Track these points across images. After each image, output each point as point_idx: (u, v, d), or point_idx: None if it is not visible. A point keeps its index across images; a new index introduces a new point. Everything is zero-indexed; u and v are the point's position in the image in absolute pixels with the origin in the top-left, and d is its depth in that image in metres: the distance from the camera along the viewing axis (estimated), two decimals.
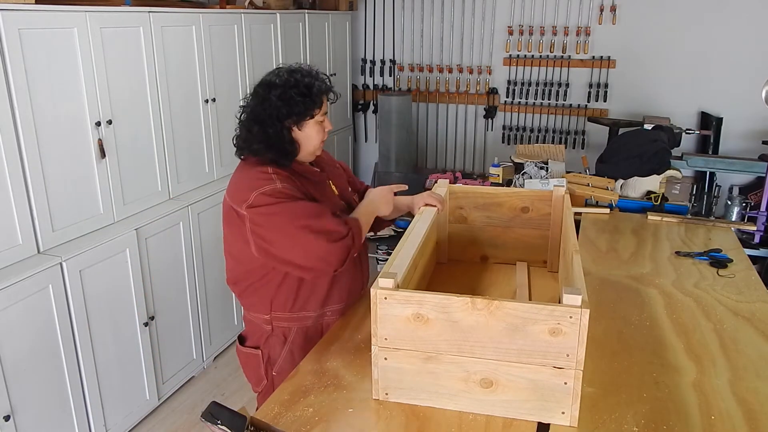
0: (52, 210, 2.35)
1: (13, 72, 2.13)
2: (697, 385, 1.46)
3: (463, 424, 1.33)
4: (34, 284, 2.21)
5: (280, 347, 1.80)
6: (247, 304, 1.82)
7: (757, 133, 4.29)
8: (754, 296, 1.93)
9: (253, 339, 1.85)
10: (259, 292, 1.75)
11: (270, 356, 1.81)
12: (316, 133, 1.71)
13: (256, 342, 1.83)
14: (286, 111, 1.64)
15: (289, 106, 1.64)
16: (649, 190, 2.92)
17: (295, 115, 1.65)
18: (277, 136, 1.65)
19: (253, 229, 1.61)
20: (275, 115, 1.64)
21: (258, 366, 1.83)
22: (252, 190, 1.61)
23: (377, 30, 5.07)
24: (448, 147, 5.17)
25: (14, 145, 2.18)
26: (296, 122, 1.67)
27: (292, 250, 1.60)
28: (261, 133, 1.65)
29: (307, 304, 1.77)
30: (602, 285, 2.01)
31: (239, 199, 1.63)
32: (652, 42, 4.43)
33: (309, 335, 1.81)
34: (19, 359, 2.18)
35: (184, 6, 3.13)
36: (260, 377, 1.84)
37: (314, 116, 1.69)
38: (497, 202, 2.07)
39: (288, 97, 1.64)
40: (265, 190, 1.60)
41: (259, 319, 1.80)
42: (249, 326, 1.87)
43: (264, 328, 1.81)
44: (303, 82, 1.66)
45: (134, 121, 2.71)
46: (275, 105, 1.64)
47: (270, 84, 1.67)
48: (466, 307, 1.28)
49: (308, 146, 1.72)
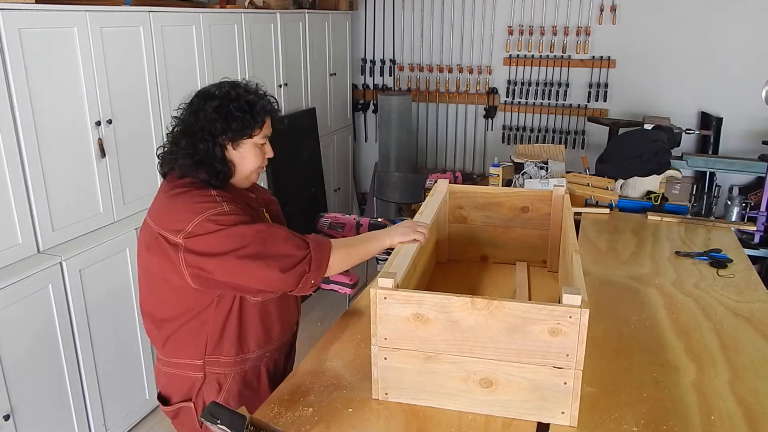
0: (52, 209, 2.35)
1: (13, 72, 2.13)
2: (697, 385, 1.46)
3: (463, 423, 1.33)
4: (34, 284, 2.21)
5: (214, 396, 1.59)
6: (171, 351, 1.57)
7: (757, 133, 4.29)
8: (754, 296, 1.93)
9: (179, 393, 1.61)
10: (191, 334, 1.53)
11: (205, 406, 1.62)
12: (254, 156, 1.53)
13: (186, 395, 1.60)
14: (221, 126, 1.46)
15: (225, 121, 1.46)
16: (649, 190, 2.92)
17: (231, 132, 1.47)
18: (207, 152, 1.46)
19: (188, 260, 1.41)
20: (208, 128, 1.46)
21: (192, 421, 1.61)
22: (193, 215, 1.41)
23: (377, 30, 5.07)
24: (448, 147, 5.17)
25: (14, 144, 2.18)
26: (231, 140, 1.48)
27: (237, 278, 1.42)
28: (190, 147, 1.46)
29: (246, 344, 1.58)
30: (602, 285, 2.01)
31: (172, 227, 1.42)
32: (652, 42, 4.43)
33: (247, 380, 1.62)
34: (19, 359, 2.18)
35: (184, 6, 3.13)
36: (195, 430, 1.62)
37: (252, 137, 1.51)
38: (497, 202, 2.07)
39: (226, 111, 1.46)
40: (209, 215, 1.41)
41: (186, 367, 1.57)
42: (170, 380, 1.61)
43: (193, 378, 1.58)
44: (245, 98, 1.49)
45: (134, 120, 2.71)
46: (210, 117, 1.46)
47: (207, 94, 1.50)
48: (466, 306, 1.28)
49: (243, 169, 1.53)
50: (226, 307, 1.52)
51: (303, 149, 4.18)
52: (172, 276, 1.45)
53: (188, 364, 1.57)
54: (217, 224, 1.41)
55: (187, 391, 1.60)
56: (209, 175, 1.48)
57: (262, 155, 1.57)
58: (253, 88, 1.54)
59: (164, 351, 1.59)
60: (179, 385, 1.60)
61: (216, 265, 1.41)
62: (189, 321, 1.52)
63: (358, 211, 5.41)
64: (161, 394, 1.65)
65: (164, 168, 1.54)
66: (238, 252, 1.40)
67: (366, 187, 5.40)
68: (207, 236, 1.40)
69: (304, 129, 4.24)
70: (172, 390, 1.62)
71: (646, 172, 2.92)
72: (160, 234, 1.44)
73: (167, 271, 1.45)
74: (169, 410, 1.63)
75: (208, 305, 1.50)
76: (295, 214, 4.09)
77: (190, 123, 1.49)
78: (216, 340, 1.54)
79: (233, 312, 1.53)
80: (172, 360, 1.58)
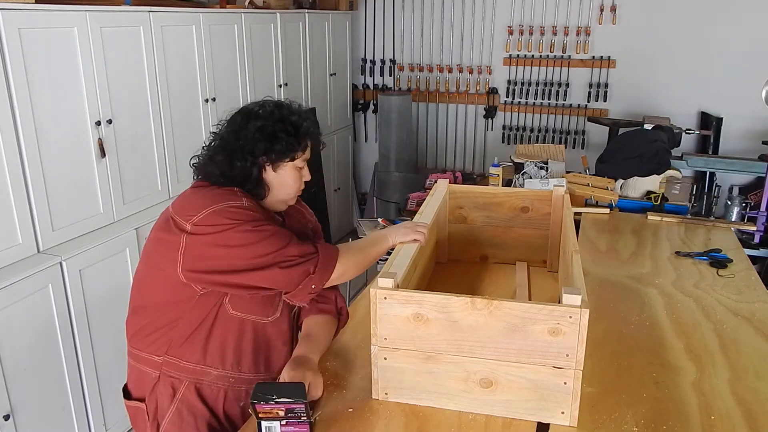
0: (51, 209, 2.35)
1: (13, 72, 2.14)
2: (696, 385, 1.46)
3: (463, 423, 1.33)
4: (33, 284, 2.21)
5: (167, 401, 1.48)
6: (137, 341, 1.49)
7: (757, 133, 4.29)
8: (753, 296, 1.93)
9: (136, 389, 1.53)
10: (160, 328, 1.46)
11: (157, 410, 1.49)
12: (293, 180, 1.48)
13: (141, 392, 1.51)
14: (264, 147, 1.42)
15: (269, 142, 1.42)
16: (649, 190, 2.92)
17: (274, 153, 1.43)
18: (242, 171, 1.43)
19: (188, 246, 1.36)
20: (249, 148, 1.42)
21: (144, 424, 1.52)
22: (210, 203, 1.37)
23: (377, 30, 5.07)
24: (448, 147, 5.17)
25: (14, 144, 2.18)
26: (273, 162, 1.44)
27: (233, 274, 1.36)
28: (225, 163, 1.43)
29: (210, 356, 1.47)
30: (602, 285, 2.01)
31: (185, 212, 1.38)
32: (652, 42, 4.43)
33: (203, 396, 1.48)
34: (19, 358, 2.18)
35: (184, 6, 3.13)
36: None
37: (295, 159, 1.46)
38: (497, 202, 2.07)
39: (270, 131, 1.42)
40: (225, 206, 1.37)
41: (145, 361, 1.48)
42: (131, 372, 1.54)
43: (148, 374, 1.48)
44: (290, 120, 1.45)
45: (134, 120, 2.71)
46: (253, 137, 1.42)
47: (251, 113, 1.46)
48: (466, 306, 1.28)
49: (280, 192, 1.49)
50: (203, 311, 1.44)
51: None
52: (165, 262, 1.39)
53: (147, 359, 1.48)
54: (230, 219, 1.35)
55: (142, 389, 1.51)
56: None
57: (300, 179, 1.51)
58: (296, 109, 1.49)
59: (132, 340, 1.51)
60: (137, 379, 1.52)
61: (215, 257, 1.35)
62: (164, 314, 1.45)
63: (358, 212, 5.41)
64: (126, 387, 1.58)
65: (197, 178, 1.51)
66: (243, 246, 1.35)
67: (366, 187, 5.40)
68: (214, 227, 1.35)
69: None
70: (132, 384, 1.56)
71: (646, 172, 2.92)
72: (172, 217, 1.40)
73: (162, 255, 1.40)
74: (128, 405, 1.56)
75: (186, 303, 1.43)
76: None
77: (230, 141, 1.44)
78: (181, 341, 1.45)
79: (208, 318, 1.44)
80: (134, 350, 1.50)
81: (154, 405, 1.50)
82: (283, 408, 1.21)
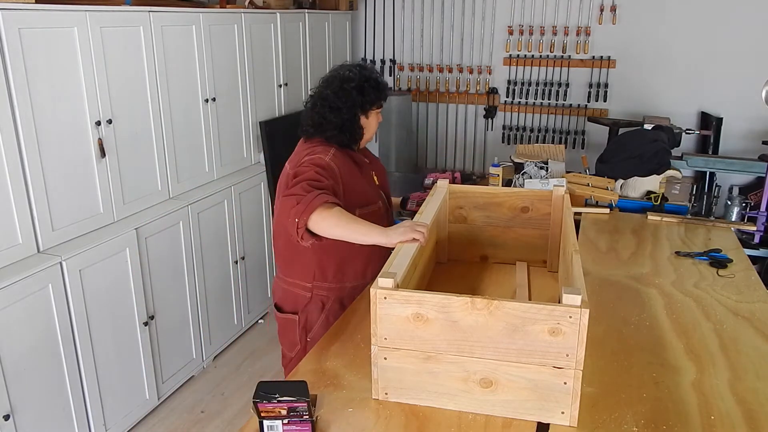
0: (51, 209, 2.35)
1: (13, 72, 2.13)
2: (696, 385, 1.46)
3: (463, 423, 1.33)
4: (33, 284, 2.21)
5: (317, 313, 1.96)
6: (288, 271, 1.98)
7: (757, 133, 4.30)
8: (753, 296, 1.93)
9: (290, 305, 2.00)
10: (304, 261, 1.92)
11: (307, 321, 1.97)
12: (375, 121, 2.00)
13: (294, 308, 1.99)
14: (361, 100, 1.91)
15: (363, 96, 1.91)
16: (649, 190, 2.92)
17: (368, 104, 1.93)
18: (350, 122, 1.91)
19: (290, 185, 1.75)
20: (351, 103, 1.90)
21: (294, 331, 1.99)
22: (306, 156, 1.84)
23: (377, 30, 5.07)
24: (448, 147, 5.17)
25: (14, 144, 2.18)
26: (365, 111, 1.94)
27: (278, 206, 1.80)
28: (337, 120, 1.89)
29: (346, 276, 1.96)
30: (602, 285, 2.01)
31: (294, 163, 1.86)
32: (652, 42, 4.43)
33: (344, 303, 1.97)
34: (19, 359, 2.18)
35: (184, 6, 3.13)
36: (294, 342, 2.00)
37: (381, 107, 1.99)
38: (497, 202, 2.07)
39: (363, 88, 1.91)
40: (313, 158, 1.81)
41: (298, 286, 1.97)
42: (285, 294, 2.01)
43: (303, 295, 1.97)
44: (373, 77, 1.95)
45: (134, 120, 2.71)
46: (353, 96, 1.90)
47: (345, 78, 1.92)
48: (466, 306, 1.28)
49: (368, 133, 2.00)
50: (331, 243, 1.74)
51: None
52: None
53: (299, 284, 1.97)
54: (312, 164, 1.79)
55: (295, 305, 1.99)
56: (350, 139, 1.93)
57: (377, 121, 2.02)
58: (372, 68, 2.00)
59: (284, 271, 2.00)
60: (291, 299, 2.00)
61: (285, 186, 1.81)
62: (305, 251, 1.86)
63: None
64: (277, 304, 2.05)
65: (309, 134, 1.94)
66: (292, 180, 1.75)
67: None
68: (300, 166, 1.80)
69: None
70: (285, 302, 2.02)
71: (646, 172, 2.92)
72: (289, 171, 1.84)
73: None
74: (281, 317, 2.02)
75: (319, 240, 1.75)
76: None
77: (334, 101, 1.90)
78: (323, 268, 1.93)
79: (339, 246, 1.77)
80: (288, 279, 1.99)
81: (305, 317, 1.98)
82: (286, 407, 1.21)
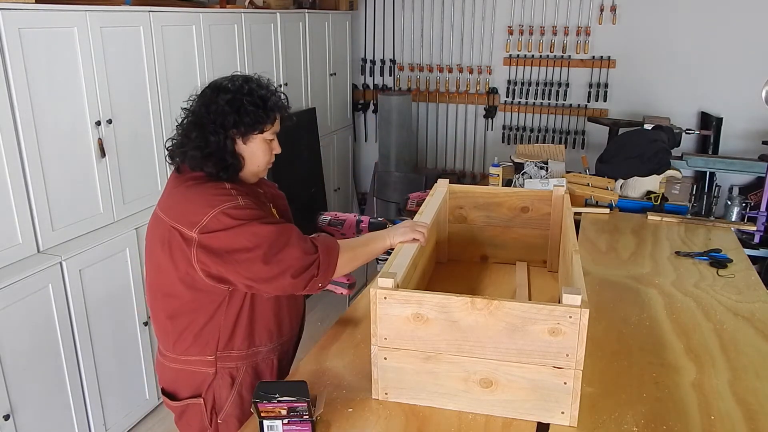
0: (52, 209, 2.35)
1: (13, 72, 2.13)
2: (696, 385, 1.46)
3: (463, 423, 1.33)
4: (33, 284, 2.21)
5: (227, 390, 1.57)
6: (182, 348, 1.54)
7: (757, 133, 4.29)
8: (753, 296, 1.93)
9: (188, 388, 1.58)
10: (204, 331, 1.52)
11: (215, 403, 1.58)
12: (262, 152, 1.54)
13: (195, 390, 1.58)
14: (233, 119, 1.46)
15: (237, 115, 1.47)
16: (649, 190, 2.92)
17: (243, 126, 1.48)
18: (218, 145, 1.46)
19: (200, 256, 1.41)
20: (220, 121, 1.46)
21: (199, 417, 1.59)
22: (208, 208, 1.41)
23: (377, 30, 5.07)
24: (448, 147, 5.17)
25: (14, 144, 2.18)
26: (243, 134, 1.49)
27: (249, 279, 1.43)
28: (200, 139, 1.46)
29: (258, 338, 1.58)
30: (602, 285, 2.01)
31: (187, 219, 1.42)
32: (652, 42, 4.43)
33: (259, 372, 1.61)
34: (19, 358, 2.18)
35: (184, 6, 3.13)
36: (204, 428, 1.60)
37: (264, 132, 1.51)
38: (497, 202, 2.07)
39: (239, 104, 1.47)
40: (225, 208, 1.41)
41: (196, 363, 1.55)
42: (178, 376, 1.59)
43: (204, 373, 1.56)
44: (258, 93, 1.50)
45: (134, 120, 2.71)
46: (223, 110, 1.46)
47: (220, 87, 1.51)
48: (466, 306, 1.28)
49: (252, 164, 1.54)
50: (238, 302, 1.52)
51: (303, 149, 4.18)
52: (186, 271, 1.45)
53: (199, 360, 1.55)
54: (233, 218, 1.41)
55: (197, 387, 1.58)
56: (218, 168, 1.47)
57: (270, 151, 1.57)
58: (265, 83, 1.55)
59: (175, 348, 1.56)
60: (188, 380, 1.58)
61: (228, 265, 1.41)
62: (202, 317, 1.51)
63: (358, 212, 5.41)
64: (166, 390, 1.63)
65: (174, 159, 1.55)
66: (251, 253, 1.41)
67: (366, 187, 5.40)
68: (222, 232, 1.40)
69: (304, 129, 4.24)
70: (181, 386, 1.60)
71: (646, 172, 2.92)
72: (174, 227, 1.43)
73: (182, 266, 1.44)
74: (177, 405, 1.60)
75: (221, 301, 1.50)
76: (295, 213, 4.08)
77: (202, 115, 1.49)
78: (228, 335, 1.53)
79: (245, 306, 1.53)
80: (182, 357, 1.56)
81: (212, 397, 1.58)
82: (286, 407, 1.21)
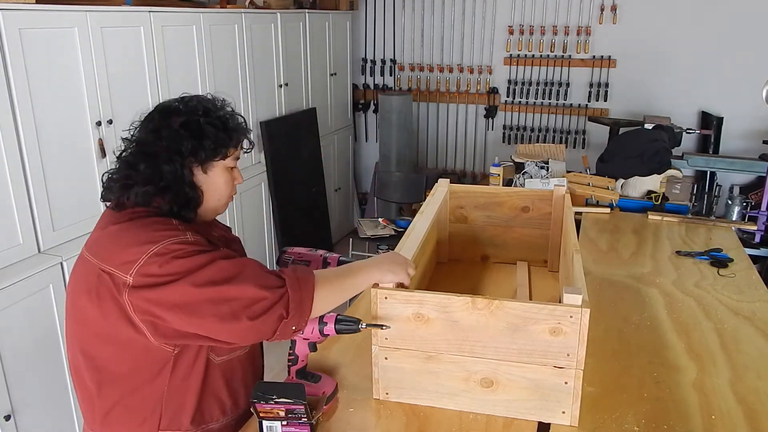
0: (52, 209, 2.35)
1: (13, 72, 2.14)
2: (697, 385, 1.46)
3: (464, 423, 1.33)
4: (34, 284, 2.21)
5: None
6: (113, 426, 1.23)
7: (758, 133, 4.29)
8: (754, 296, 1.93)
9: None
10: (140, 404, 1.22)
11: None
12: (224, 182, 1.28)
13: None
14: (191, 145, 1.20)
15: (195, 139, 1.20)
16: (650, 190, 2.92)
17: (204, 151, 1.21)
18: (174, 175, 1.20)
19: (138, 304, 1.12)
20: (175, 148, 1.19)
21: None
22: (149, 245, 1.12)
23: (377, 30, 5.07)
24: (448, 147, 5.17)
25: (15, 144, 2.18)
26: (202, 161, 1.23)
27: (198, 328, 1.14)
28: (152, 170, 1.19)
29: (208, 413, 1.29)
30: (603, 285, 2.01)
31: (121, 259, 1.13)
32: (652, 42, 4.43)
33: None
34: (20, 359, 2.18)
35: (184, 6, 3.13)
36: None
37: (226, 157, 1.26)
38: (498, 202, 2.07)
39: (195, 127, 1.21)
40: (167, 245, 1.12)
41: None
42: None
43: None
44: (215, 113, 1.25)
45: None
46: (177, 135, 1.20)
47: (170, 109, 1.24)
48: (467, 306, 1.28)
49: (212, 198, 1.28)
50: (184, 369, 1.22)
51: (303, 149, 4.18)
52: (119, 326, 1.14)
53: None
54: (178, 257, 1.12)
55: None
56: (176, 203, 1.21)
57: (233, 181, 1.31)
58: (221, 104, 1.30)
59: (103, 425, 1.23)
60: None
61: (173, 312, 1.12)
62: (138, 386, 1.21)
63: (359, 212, 5.41)
64: None
65: (114, 196, 1.24)
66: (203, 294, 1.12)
67: (366, 187, 5.40)
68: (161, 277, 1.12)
69: (305, 129, 4.24)
70: None
71: (646, 172, 2.92)
72: (104, 271, 1.14)
73: (113, 319, 1.14)
74: None
75: (163, 366, 1.20)
76: (296, 214, 4.09)
77: (151, 142, 1.21)
78: (173, 411, 1.23)
79: (194, 375, 1.23)
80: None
81: None
82: (283, 408, 1.21)
